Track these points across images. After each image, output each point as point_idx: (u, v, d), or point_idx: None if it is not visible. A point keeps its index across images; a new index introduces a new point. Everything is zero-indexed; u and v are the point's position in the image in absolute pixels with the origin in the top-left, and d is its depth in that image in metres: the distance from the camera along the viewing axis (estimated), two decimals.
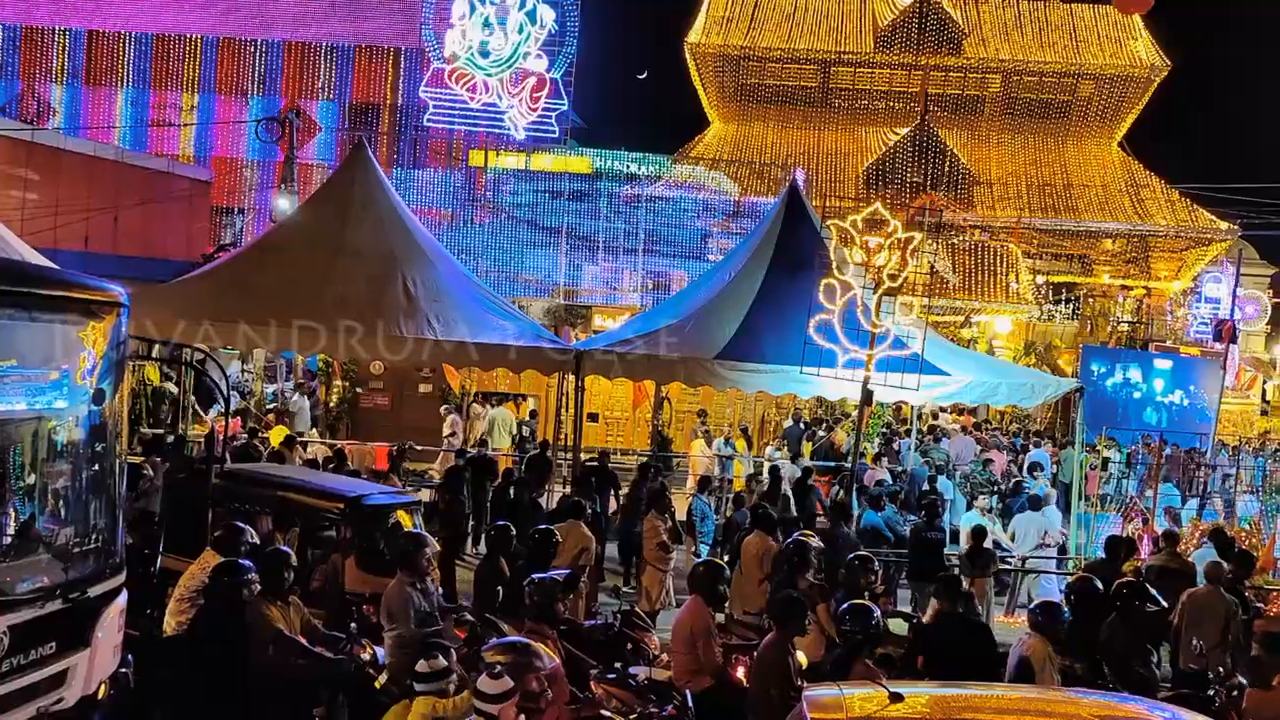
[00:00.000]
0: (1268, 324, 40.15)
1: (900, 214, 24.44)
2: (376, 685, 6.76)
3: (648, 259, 28.59)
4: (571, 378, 13.52)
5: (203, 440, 12.51)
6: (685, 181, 29.86)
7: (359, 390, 19.63)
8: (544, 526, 8.84)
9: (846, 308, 13.10)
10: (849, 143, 29.95)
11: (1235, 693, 7.57)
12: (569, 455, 14.46)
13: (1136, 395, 14.75)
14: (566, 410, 14.00)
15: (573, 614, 8.36)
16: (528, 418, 20.22)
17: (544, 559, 8.03)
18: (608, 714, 6.48)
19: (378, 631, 7.48)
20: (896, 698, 5.10)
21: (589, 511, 10.76)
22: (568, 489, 13.62)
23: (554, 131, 31.13)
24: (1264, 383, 35.20)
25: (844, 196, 27.01)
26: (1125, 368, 14.88)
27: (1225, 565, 9.73)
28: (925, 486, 15.61)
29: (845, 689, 5.42)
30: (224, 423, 11.02)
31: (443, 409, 19.41)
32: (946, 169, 28.36)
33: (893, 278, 12.95)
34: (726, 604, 9.51)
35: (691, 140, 37.08)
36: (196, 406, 17.60)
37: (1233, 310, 19.23)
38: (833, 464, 17.49)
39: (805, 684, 6.05)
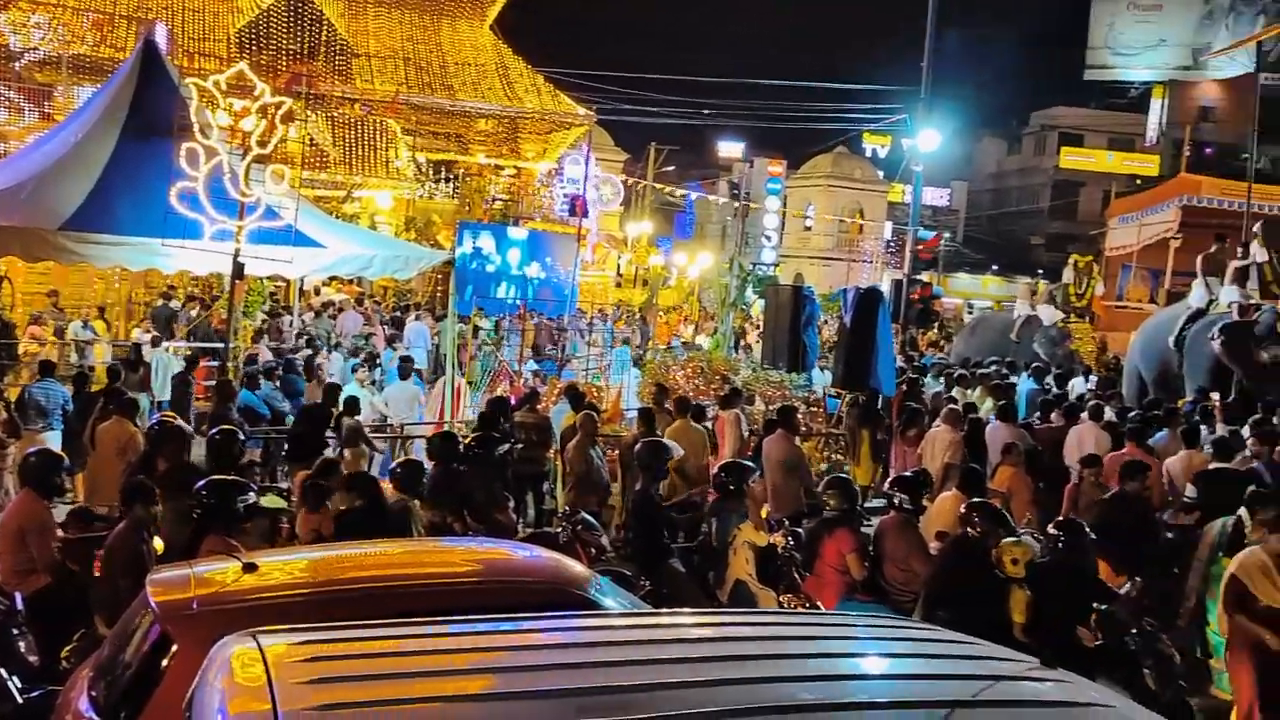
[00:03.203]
0: (621, 204, 44.80)
1: (277, 81, 23.38)
2: None
3: None
4: None
5: None
6: (20, 29, 25.85)
7: None
8: None
9: (212, 175, 12.32)
10: (218, 1, 27.86)
11: (579, 527, 8.45)
12: None
13: (490, 269, 15.60)
14: None
15: None
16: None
17: None
18: None
19: None
20: (250, 568, 4.93)
21: None
22: None
23: None
24: (618, 258, 39.39)
25: (214, 57, 25.15)
26: (475, 235, 15.66)
27: (594, 417, 10.78)
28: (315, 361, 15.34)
29: (195, 567, 5.13)
30: None
31: None
32: (324, 39, 27.57)
33: (262, 144, 12.37)
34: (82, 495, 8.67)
35: None
36: None
37: (584, 189, 21.13)
38: (211, 345, 16.57)
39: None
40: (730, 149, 60.88)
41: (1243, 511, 7.74)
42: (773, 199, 54.61)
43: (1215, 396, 13.80)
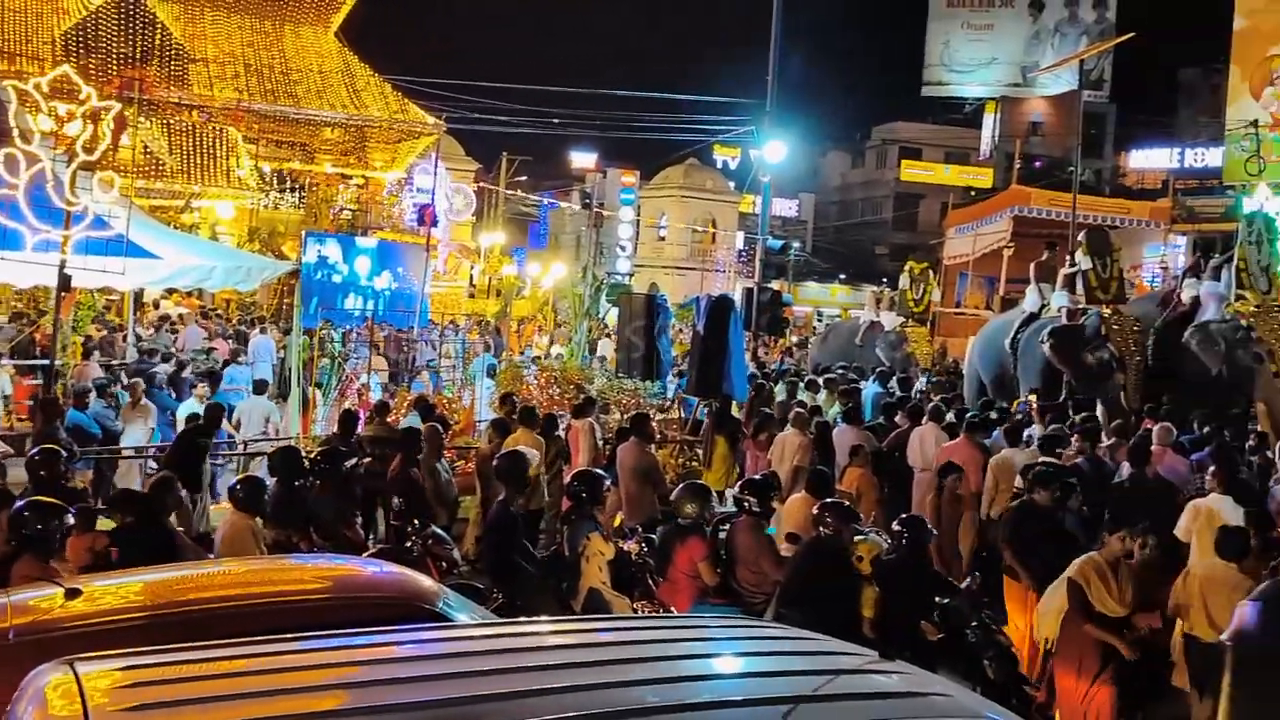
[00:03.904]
0: (474, 214, 44.37)
1: (108, 86, 22.33)
2: None
3: None
4: None
5: None
6: None
7: None
8: None
9: (34, 183, 11.70)
10: (41, 1, 26.43)
11: (430, 541, 8.29)
12: None
13: (337, 279, 15.16)
14: None
15: None
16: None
17: None
18: None
19: None
20: (73, 593, 4.65)
21: None
22: None
23: None
24: (471, 268, 38.99)
25: (37, 59, 23.85)
26: (321, 243, 15.20)
27: (439, 429, 10.57)
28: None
29: (12, 595, 4.82)
30: None
31: None
32: (158, 43, 26.48)
33: (89, 150, 11.80)
34: None
35: None
36: None
37: (433, 198, 20.83)
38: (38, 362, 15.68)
39: None
40: (583, 159, 61.02)
41: None
42: (626, 209, 55.05)
43: (1032, 398, 14.42)
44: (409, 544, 8.12)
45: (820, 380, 16.38)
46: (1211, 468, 9.14)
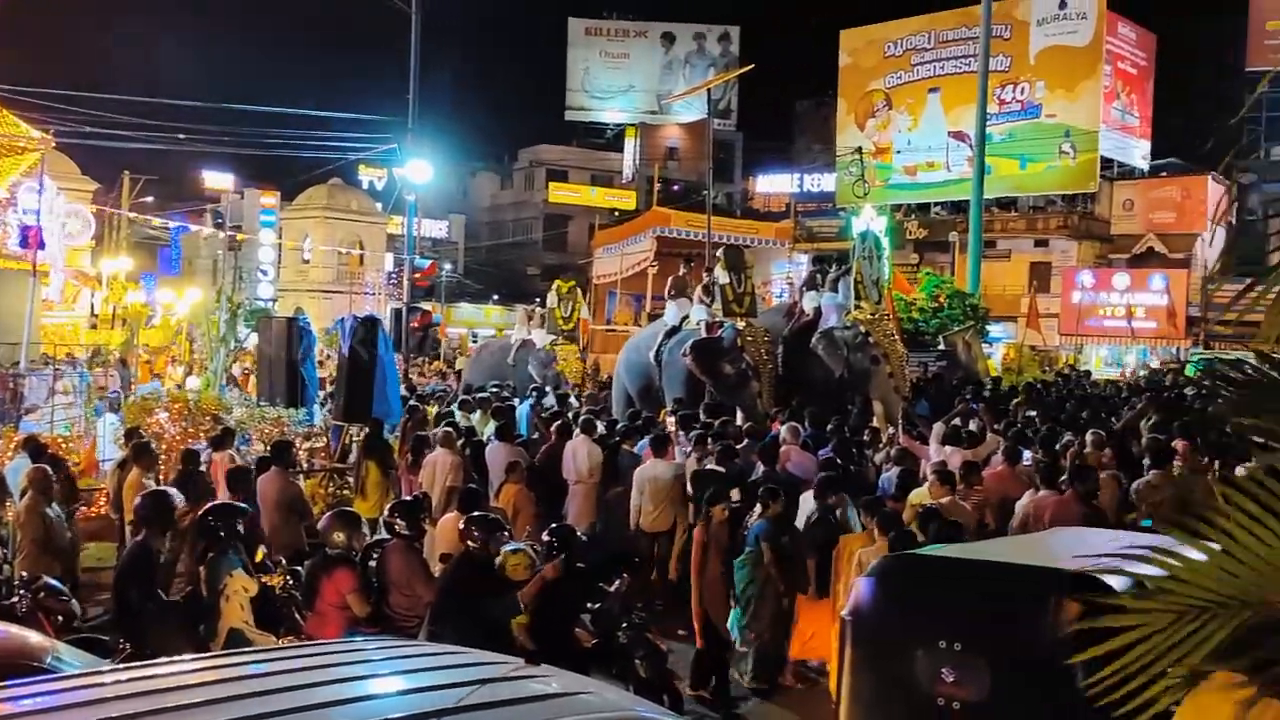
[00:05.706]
0: (94, 238, 40.64)
1: None
2: None
3: None
4: None
5: None
6: None
7: None
8: None
9: None
10: None
11: (42, 594, 7.44)
12: None
13: None
14: None
15: None
16: None
17: None
18: None
19: None
20: None
21: None
22: None
23: None
24: (92, 296, 35.71)
25: None
26: None
27: (50, 472, 9.53)
28: None
29: None
30: None
31: None
32: None
33: None
34: None
35: None
36: None
37: (39, 218, 18.95)
38: None
39: None
40: (218, 179, 57.65)
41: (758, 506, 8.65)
42: (267, 231, 52.54)
43: (668, 412, 15.13)
44: (15, 599, 7.25)
45: (474, 399, 16.32)
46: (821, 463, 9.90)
